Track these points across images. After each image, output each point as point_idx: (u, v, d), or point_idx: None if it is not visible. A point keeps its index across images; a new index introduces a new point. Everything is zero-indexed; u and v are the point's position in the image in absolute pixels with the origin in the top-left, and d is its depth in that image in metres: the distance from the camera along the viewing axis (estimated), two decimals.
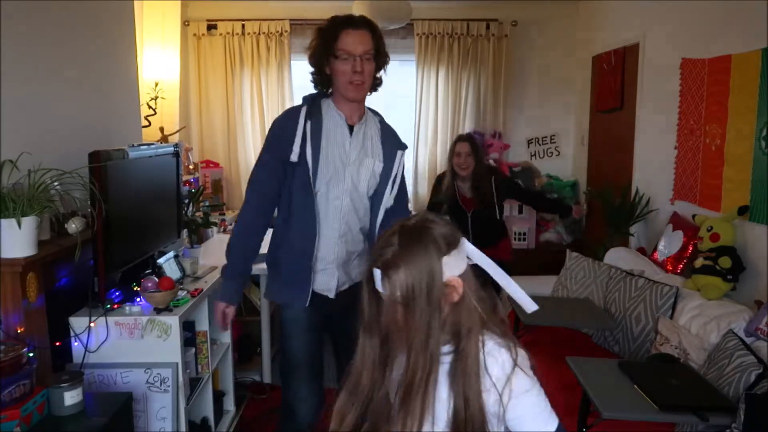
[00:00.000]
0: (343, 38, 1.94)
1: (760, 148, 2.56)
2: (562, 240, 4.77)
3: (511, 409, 1.15)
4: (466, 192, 3.53)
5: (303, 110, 1.99)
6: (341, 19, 1.99)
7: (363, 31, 1.97)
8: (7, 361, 1.79)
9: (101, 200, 2.09)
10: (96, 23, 2.85)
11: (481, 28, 4.94)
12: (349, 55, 1.94)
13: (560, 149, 5.23)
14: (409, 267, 1.12)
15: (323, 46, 1.97)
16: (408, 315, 1.12)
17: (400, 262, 1.12)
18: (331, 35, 1.95)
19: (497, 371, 1.15)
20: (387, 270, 1.13)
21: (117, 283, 2.33)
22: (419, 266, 1.12)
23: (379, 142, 2.11)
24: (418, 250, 1.13)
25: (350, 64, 1.94)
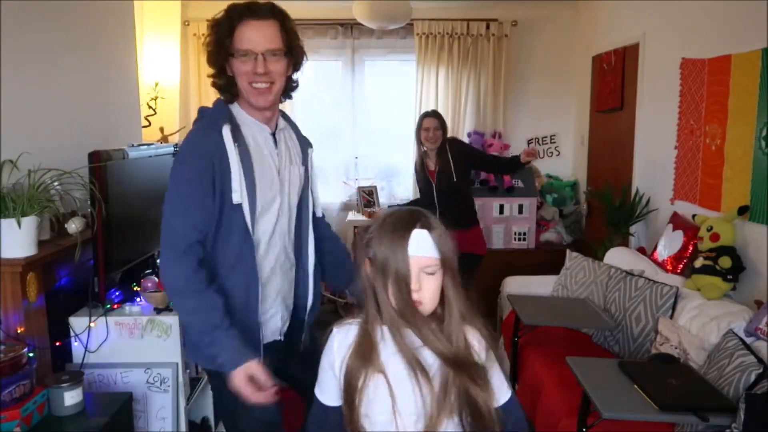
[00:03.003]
0: (242, 31, 1.57)
1: (760, 148, 2.56)
2: (562, 240, 4.77)
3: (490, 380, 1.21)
4: (433, 165, 3.74)
5: (226, 131, 1.57)
6: (239, 7, 1.59)
7: (268, 22, 1.58)
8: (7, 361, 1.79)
9: (101, 200, 2.09)
10: (96, 23, 2.85)
11: (481, 28, 4.93)
12: (248, 53, 1.57)
13: (560, 149, 5.23)
14: (442, 231, 1.17)
15: (217, 43, 1.60)
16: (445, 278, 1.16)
17: (434, 223, 1.17)
18: (226, 28, 1.58)
19: (476, 346, 1.20)
20: (430, 230, 1.15)
21: (117, 283, 2.33)
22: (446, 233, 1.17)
23: (297, 142, 1.81)
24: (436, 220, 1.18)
25: (251, 63, 1.58)
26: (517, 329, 3.01)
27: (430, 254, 1.14)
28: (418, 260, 1.14)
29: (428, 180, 3.74)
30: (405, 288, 1.13)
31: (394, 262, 1.13)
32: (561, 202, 4.90)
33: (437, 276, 1.16)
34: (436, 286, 1.16)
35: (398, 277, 1.13)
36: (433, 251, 1.14)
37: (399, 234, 1.14)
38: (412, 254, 1.13)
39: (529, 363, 2.95)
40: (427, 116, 3.73)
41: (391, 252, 1.13)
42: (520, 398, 2.93)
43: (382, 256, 1.14)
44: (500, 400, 1.22)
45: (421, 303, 1.15)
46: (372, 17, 4.29)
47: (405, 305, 1.14)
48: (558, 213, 4.86)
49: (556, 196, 4.90)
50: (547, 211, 4.83)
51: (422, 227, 1.15)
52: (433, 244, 1.15)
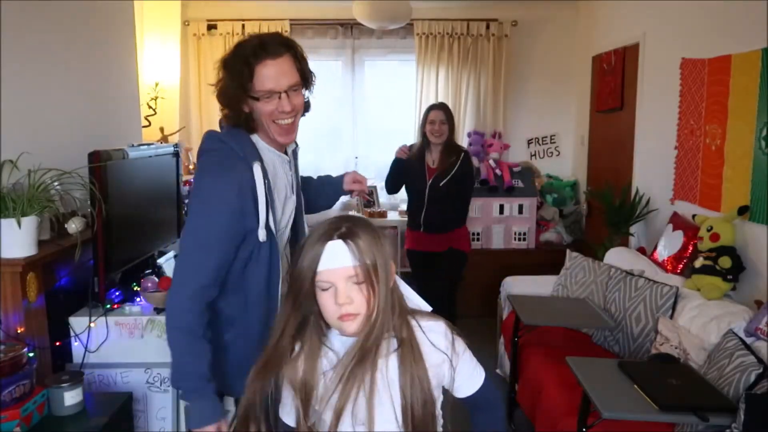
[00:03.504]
0: (261, 72, 1.50)
1: (760, 148, 2.56)
2: (562, 240, 4.77)
3: (459, 371, 1.20)
4: (432, 161, 3.56)
5: (257, 168, 1.52)
6: (252, 47, 1.51)
7: (284, 58, 1.52)
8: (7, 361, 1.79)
9: (101, 200, 2.09)
10: (96, 23, 2.85)
11: (481, 28, 4.94)
12: (272, 94, 1.52)
13: (560, 149, 5.23)
14: (368, 237, 1.12)
15: (235, 86, 1.52)
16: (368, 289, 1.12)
17: (360, 232, 1.12)
18: (244, 72, 1.51)
19: (443, 342, 1.18)
20: (349, 239, 1.11)
21: (117, 283, 2.33)
22: (374, 238, 1.13)
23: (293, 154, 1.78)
24: (367, 226, 1.14)
25: (274, 103, 1.53)
26: (517, 329, 3.01)
27: (349, 264, 1.10)
28: (339, 272, 1.10)
29: (423, 175, 3.53)
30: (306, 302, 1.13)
31: (299, 275, 1.12)
32: (561, 202, 4.90)
33: (366, 285, 1.11)
34: (366, 295, 1.12)
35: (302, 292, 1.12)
36: (350, 260, 1.10)
37: (316, 246, 1.11)
38: (328, 267, 1.10)
39: (529, 363, 2.95)
40: (434, 108, 3.56)
41: (303, 267, 1.11)
42: (520, 398, 2.93)
43: (298, 270, 1.12)
44: (473, 388, 1.23)
45: (355, 315, 1.11)
46: (372, 17, 4.29)
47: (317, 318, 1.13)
48: (558, 213, 4.86)
49: (556, 196, 4.90)
50: (547, 211, 4.83)
51: (339, 237, 1.10)
52: (350, 254, 1.10)
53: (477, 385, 1.24)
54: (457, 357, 1.19)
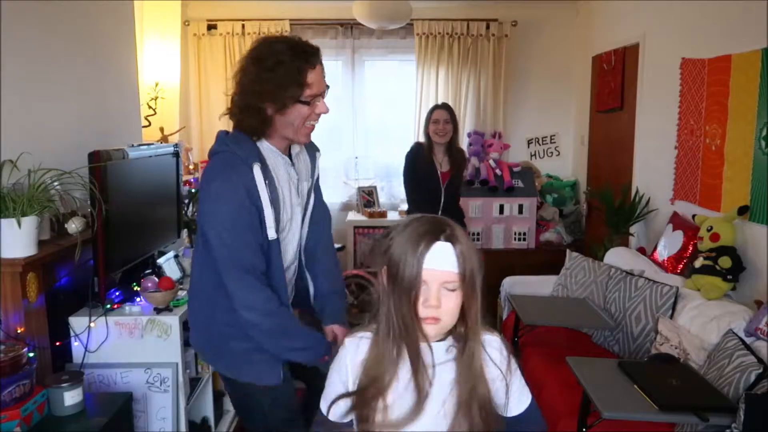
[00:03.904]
0: (310, 77, 1.58)
1: (760, 148, 2.55)
2: (562, 240, 4.77)
3: (511, 389, 1.19)
4: (440, 165, 3.56)
5: (257, 169, 1.59)
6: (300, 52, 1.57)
7: (320, 65, 1.63)
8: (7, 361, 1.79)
9: (101, 200, 2.09)
10: (96, 23, 2.85)
11: (481, 28, 4.93)
12: (314, 98, 1.61)
13: (560, 149, 5.23)
14: (469, 244, 1.10)
15: (283, 89, 1.56)
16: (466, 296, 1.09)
17: (461, 237, 1.09)
18: (297, 77, 1.56)
19: (498, 357, 1.17)
20: (455, 243, 1.07)
21: (117, 283, 2.33)
22: (472, 246, 1.10)
23: (307, 156, 1.84)
24: (464, 232, 1.12)
25: (314, 105, 1.62)
26: (517, 329, 3.01)
27: (451, 269, 1.07)
28: (438, 274, 1.07)
29: (436, 178, 3.55)
30: (410, 302, 1.07)
31: (409, 273, 1.06)
32: (561, 202, 4.90)
33: (458, 293, 1.09)
34: (456, 304, 1.09)
35: (406, 289, 1.07)
36: (454, 266, 1.07)
37: (420, 244, 1.06)
38: (432, 268, 1.06)
39: (529, 363, 2.95)
40: (438, 108, 3.58)
41: (408, 262, 1.06)
42: None
43: (398, 265, 1.07)
44: (520, 408, 1.21)
45: (438, 320, 1.09)
46: (372, 17, 4.29)
47: (409, 320, 1.08)
48: (558, 213, 4.86)
49: (556, 196, 4.90)
50: (547, 211, 4.83)
51: (446, 239, 1.07)
52: (455, 258, 1.07)
53: (525, 404, 1.22)
54: (510, 374, 1.18)
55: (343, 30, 4.97)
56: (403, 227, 1.11)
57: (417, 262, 1.06)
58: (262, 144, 1.66)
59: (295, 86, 1.57)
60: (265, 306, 1.61)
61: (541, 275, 3.74)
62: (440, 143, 3.51)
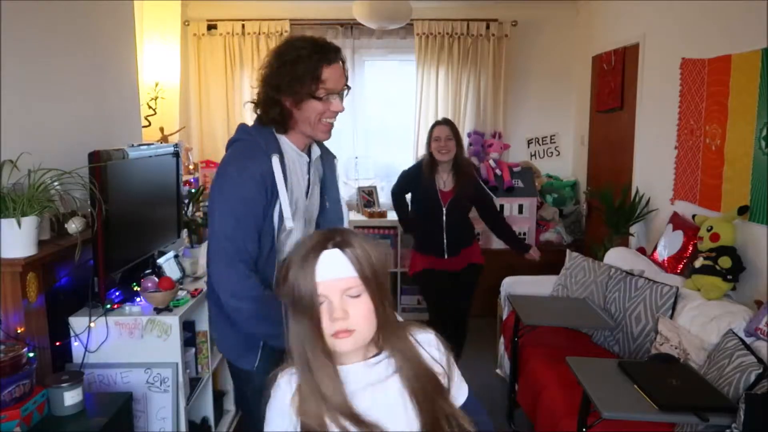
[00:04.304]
0: (327, 75, 1.63)
1: (760, 148, 2.55)
2: (562, 240, 4.77)
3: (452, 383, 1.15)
4: (443, 184, 3.32)
5: (275, 160, 1.64)
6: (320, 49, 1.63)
7: (339, 63, 1.66)
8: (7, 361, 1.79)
9: (101, 200, 2.09)
10: (96, 23, 2.85)
11: (481, 28, 4.93)
12: (330, 94, 1.65)
13: (560, 149, 5.23)
14: (364, 245, 1.04)
15: (300, 84, 1.61)
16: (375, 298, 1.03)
17: (354, 241, 1.04)
18: (313, 72, 1.61)
19: (437, 355, 1.13)
20: (345, 247, 1.03)
21: (117, 283, 2.33)
22: (370, 246, 1.05)
23: (320, 159, 1.87)
24: (360, 235, 1.07)
25: (330, 102, 1.65)
26: (517, 329, 3.01)
27: (347, 274, 1.01)
28: (334, 284, 1.01)
29: (437, 199, 3.29)
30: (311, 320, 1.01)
31: (304, 292, 1.00)
32: (561, 202, 4.90)
33: (365, 297, 1.02)
34: (366, 309, 1.02)
35: (307, 309, 1.01)
36: (350, 270, 1.01)
37: (308, 259, 1.01)
38: (326, 278, 1.01)
39: (529, 363, 2.95)
40: (438, 124, 3.32)
41: (300, 281, 1.01)
42: (521, 398, 2.93)
43: (294, 288, 1.01)
44: (461, 400, 1.18)
45: (351, 332, 1.01)
46: (372, 17, 4.29)
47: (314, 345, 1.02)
48: (558, 213, 4.86)
49: (556, 196, 4.90)
50: (547, 211, 4.83)
51: (335, 246, 1.02)
52: (348, 263, 1.01)
53: (465, 393, 1.20)
54: (450, 369, 1.14)
55: (343, 30, 4.97)
56: (295, 249, 1.06)
57: (309, 277, 1.00)
58: (281, 139, 1.71)
59: (310, 81, 1.61)
60: (249, 293, 1.61)
61: (541, 275, 3.74)
62: (444, 161, 3.28)
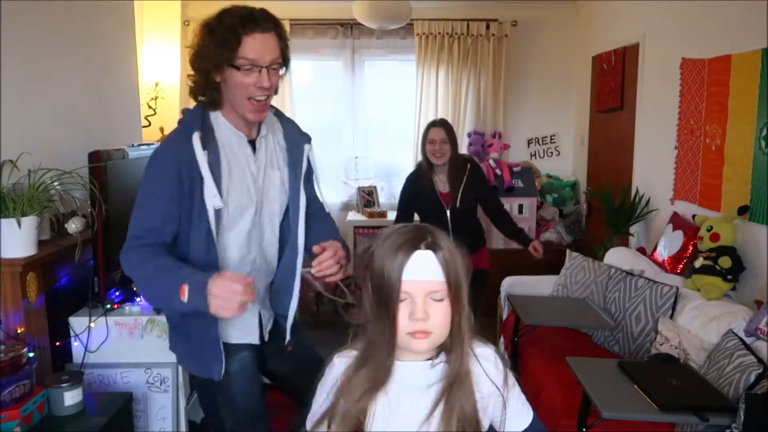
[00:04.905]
0: (248, 42, 1.51)
1: (760, 148, 2.55)
2: (562, 240, 4.77)
3: (509, 405, 1.12)
4: (442, 186, 3.21)
5: (196, 138, 1.54)
6: (242, 15, 1.53)
7: (271, 34, 1.55)
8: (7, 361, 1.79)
9: (101, 200, 2.10)
10: (96, 23, 2.85)
11: (481, 28, 4.93)
12: (253, 66, 1.53)
13: (560, 149, 5.23)
14: (453, 251, 1.04)
15: (218, 51, 1.52)
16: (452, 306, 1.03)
17: (444, 244, 1.03)
18: (230, 37, 1.51)
19: (493, 371, 1.11)
20: (438, 250, 1.02)
21: (117, 283, 2.33)
22: (457, 253, 1.04)
23: (285, 145, 1.73)
24: (448, 239, 1.06)
25: (254, 76, 1.54)
26: (517, 329, 3.01)
27: (435, 278, 1.01)
28: (422, 285, 1.01)
29: (438, 202, 3.18)
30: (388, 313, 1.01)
31: (388, 286, 1.00)
32: (561, 202, 4.90)
33: (446, 303, 1.02)
34: (445, 314, 1.02)
35: (386, 304, 1.01)
36: (439, 274, 1.01)
37: (399, 255, 1.00)
38: (414, 278, 1.00)
39: (529, 363, 2.95)
40: (433, 126, 3.18)
41: (387, 275, 1.00)
42: None
43: (379, 279, 1.01)
44: (522, 425, 1.16)
45: (428, 334, 1.02)
46: (372, 17, 4.29)
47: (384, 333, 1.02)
48: (558, 213, 4.86)
49: (556, 196, 4.90)
50: (547, 211, 4.83)
51: (427, 248, 1.01)
52: (439, 267, 1.01)
53: (527, 421, 1.16)
54: (507, 390, 1.12)
55: (343, 30, 4.97)
56: (384, 239, 1.05)
57: (397, 274, 1.00)
58: (216, 116, 1.63)
59: (229, 48, 1.51)
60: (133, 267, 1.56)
61: (541, 275, 3.74)
62: (439, 164, 3.17)
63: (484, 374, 1.10)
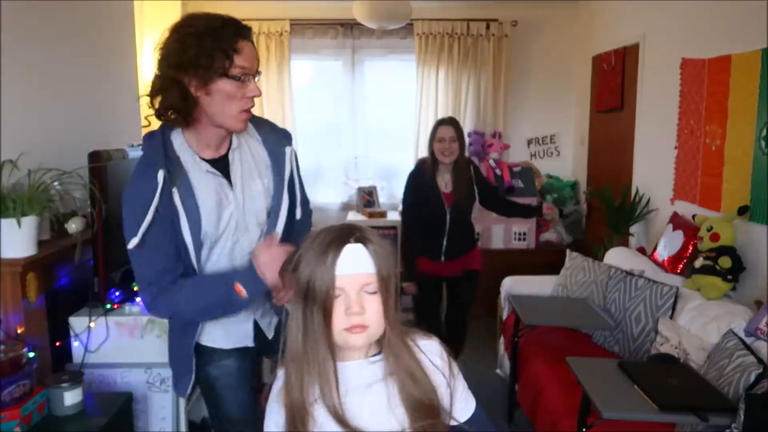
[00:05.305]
0: (242, 50, 1.44)
1: (760, 148, 2.56)
2: (562, 240, 4.77)
3: (456, 395, 1.13)
4: (445, 185, 3.18)
5: (161, 177, 1.44)
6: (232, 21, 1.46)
7: (251, 43, 1.49)
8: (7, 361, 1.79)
9: (101, 200, 2.10)
10: (96, 23, 2.85)
11: (481, 28, 4.94)
12: (246, 75, 1.45)
13: (560, 149, 5.23)
14: (381, 244, 1.04)
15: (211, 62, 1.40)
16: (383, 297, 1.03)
17: (373, 238, 1.04)
18: (226, 45, 1.41)
19: (439, 363, 1.11)
20: (367, 243, 1.03)
21: (117, 283, 2.33)
22: (385, 246, 1.05)
23: (263, 151, 1.64)
24: (376, 233, 1.06)
25: (250, 85, 1.47)
26: (517, 329, 3.01)
27: (366, 270, 1.02)
28: (354, 278, 1.01)
29: (440, 201, 3.15)
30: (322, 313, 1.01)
31: (320, 284, 1.00)
32: (561, 202, 4.90)
33: (378, 296, 1.03)
34: (379, 306, 1.03)
35: (321, 302, 1.00)
36: (370, 266, 1.02)
37: (329, 251, 1.00)
38: (347, 272, 1.00)
39: (529, 363, 2.95)
40: (442, 124, 3.15)
41: (319, 273, 1.00)
42: (521, 398, 2.93)
43: (309, 279, 1.00)
44: (467, 414, 1.16)
45: (365, 327, 1.01)
46: (372, 17, 4.29)
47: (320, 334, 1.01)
48: (558, 213, 4.86)
49: (556, 196, 4.90)
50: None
51: (356, 241, 1.02)
52: (370, 259, 1.02)
53: (472, 408, 1.17)
54: (453, 379, 1.12)
55: (343, 30, 4.97)
56: (311, 241, 1.04)
57: (329, 270, 1.00)
58: (178, 142, 1.52)
59: (223, 55, 1.40)
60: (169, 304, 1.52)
61: (541, 275, 3.74)
62: (447, 163, 3.14)
63: (432, 366, 1.10)
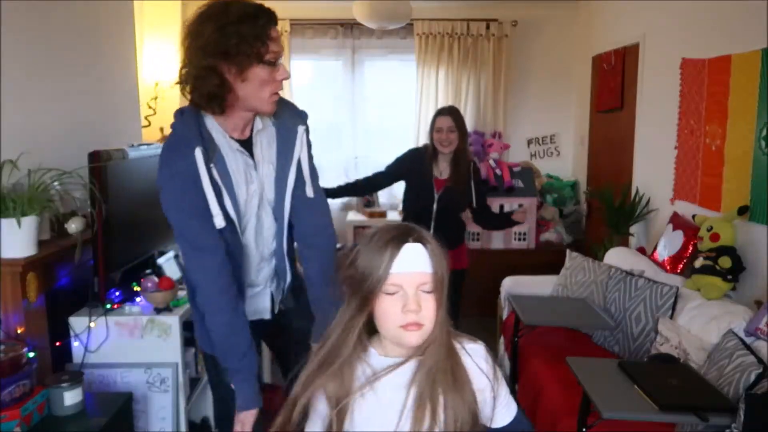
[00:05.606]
0: (272, 36, 1.50)
1: (760, 148, 2.55)
2: (562, 240, 4.77)
3: (498, 399, 1.14)
4: (439, 172, 3.11)
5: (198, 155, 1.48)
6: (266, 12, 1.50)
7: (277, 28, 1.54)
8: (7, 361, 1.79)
9: (101, 200, 2.10)
10: (96, 23, 2.85)
11: (481, 28, 4.94)
12: (277, 59, 1.52)
13: (560, 149, 5.23)
14: (437, 245, 1.06)
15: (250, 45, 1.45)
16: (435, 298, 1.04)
17: (430, 239, 1.06)
18: (261, 32, 1.47)
19: (485, 366, 1.12)
20: (426, 243, 1.04)
21: (117, 283, 2.33)
22: (440, 248, 1.06)
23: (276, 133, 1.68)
24: (431, 235, 1.07)
25: (277, 69, 1.53)
26: (517, 329, 3.01)
27: (425, 269, 1.03)
28: (413, 277, 1.02)
29: (430, 187, 3.07)
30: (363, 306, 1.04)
31: (367, 276, 1.02)
32: (561, 202, 4.90)
33: (434, 296, 1.04)
34: (434, 306, 1.04)
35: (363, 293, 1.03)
36: (428, 266, 1.03)
37: (388, 249, 1.02)
38: (405, 270, 1.02)
39: (529, 363, 2.95)
40: (441, 114, 3.07)
41: (375, 270, 1.01)
42: (520, 398, 2.93)
43: (366, 276, 1.02)
44: (509, 418, 1.17)
45: (420, 326, 1.03)
46: (372, 17, 4.29)
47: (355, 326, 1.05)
48: (558, 213, 4.86)
49: (556, 196, 4.90)
50: (547, 211, 4.83)
51: (415, 240, 1.04)
52: (428, 259, 1.04)
53: (513, 413, 1.18)
54: (497, 384, 1.13)
55: (343, 30, 4.97)
56: (370, 237, 1.06)
57: (385, 266, 1.01)
58: (210, 122, 1.56)
59: (259, 42, 1.46)
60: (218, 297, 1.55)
61: (541, 275, 3.74)
62: (445, 153, 3.06)
63: (478, 369, 1.11)
